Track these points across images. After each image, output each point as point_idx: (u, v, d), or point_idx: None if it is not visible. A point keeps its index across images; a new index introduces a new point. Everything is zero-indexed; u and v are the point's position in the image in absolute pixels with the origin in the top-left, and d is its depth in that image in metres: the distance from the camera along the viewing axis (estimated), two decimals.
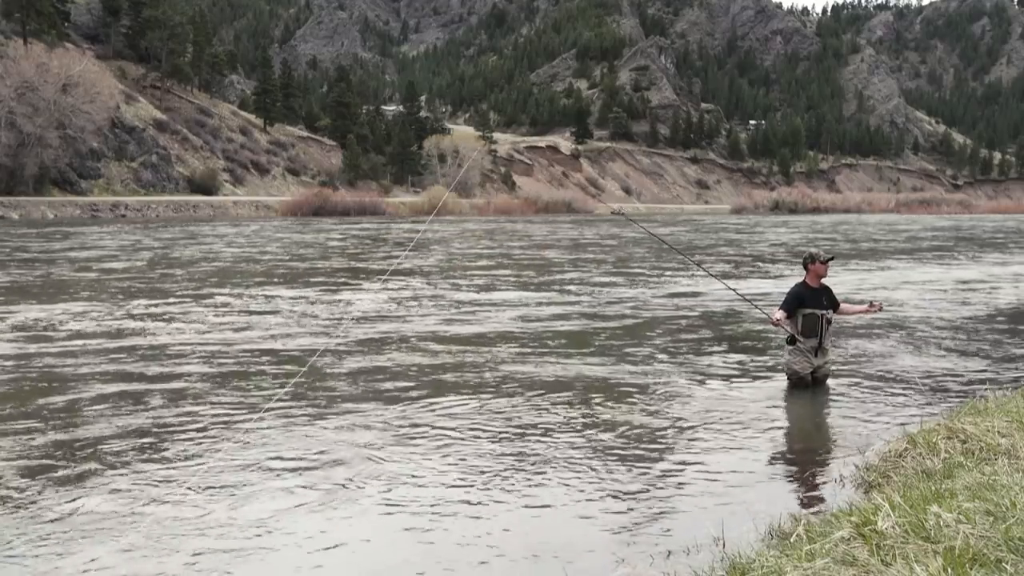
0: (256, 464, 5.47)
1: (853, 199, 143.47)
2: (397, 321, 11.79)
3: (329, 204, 69.43)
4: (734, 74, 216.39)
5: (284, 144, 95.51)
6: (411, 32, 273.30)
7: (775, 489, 5.20)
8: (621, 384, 7.87)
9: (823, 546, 3.41)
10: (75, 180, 64.18)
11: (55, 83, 61.08)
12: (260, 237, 34.47)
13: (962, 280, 18.94)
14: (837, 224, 64.03)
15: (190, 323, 11.47)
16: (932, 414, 6.33)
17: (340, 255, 25.73)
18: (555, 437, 6.11)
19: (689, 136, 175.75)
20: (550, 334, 10.82)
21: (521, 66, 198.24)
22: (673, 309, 13.52)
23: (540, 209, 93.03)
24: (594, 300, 14.56)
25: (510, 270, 20.85)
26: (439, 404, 7.03)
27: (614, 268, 21.52)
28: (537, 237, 38.09)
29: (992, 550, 3.17)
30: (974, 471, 4.42)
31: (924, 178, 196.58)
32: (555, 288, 16.49)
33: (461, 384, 7.83)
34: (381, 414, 6.70)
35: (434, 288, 16.25)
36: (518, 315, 12.51)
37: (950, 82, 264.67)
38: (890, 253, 29.18)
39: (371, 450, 5.77)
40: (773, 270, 21.60)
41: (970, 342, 10.53)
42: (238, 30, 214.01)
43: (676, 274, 19.41)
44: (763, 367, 8.69)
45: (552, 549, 4.25)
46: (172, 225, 45.86)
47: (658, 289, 16.45)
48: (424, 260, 23.52)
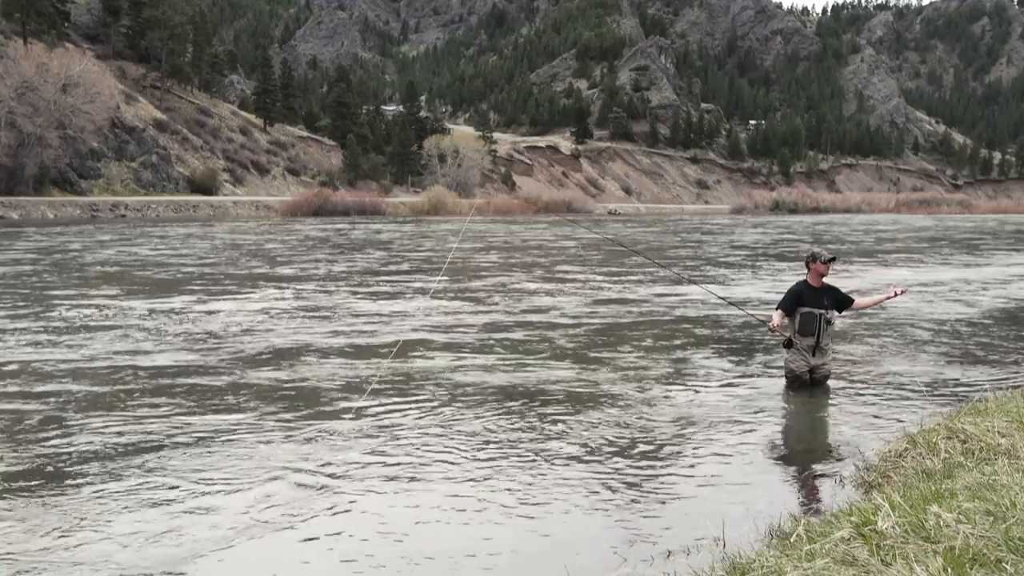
0: (258, 467, 5.47)
1: (853, 199, 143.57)
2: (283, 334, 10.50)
3: (329, 204, 69.42)
4: (734, 74, 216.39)
5: (284, 144, 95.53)
6: (411, 32, 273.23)
7: (775, 489, 5.20)
8: (618, 385, 7.87)
9: (823, 546, 3.41)
10: (75, 180, 64.19)
11: (55, 83, 61.07)
12: (204, 240, 32.07)
13: (946, 280, 18.94)
14: (815, 224, 64.09)
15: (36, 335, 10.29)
16: (932, 414, 6.33)
17: (262, 259, 23.56)
18: (554, 439, 6.11)
19: (689, 136, 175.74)
20: (534, 340, 10.82)
21: (521, 66, 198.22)
22: (664, 310, 13.51)
23: (540, 209, 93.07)
24: (581, 302, 14.55)
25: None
26: (436, 408, 7.03)
27: (582, 271, 21.48)
28: (495, 239, 35.91)
29: (992, 550, 3.17)
30: (974, 471, 4.42)
31: (924, 178, 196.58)
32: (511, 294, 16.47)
33: (450, 389, 7.83)
34: (362, 423, 6.69)
35: (329, 297, 14.59)
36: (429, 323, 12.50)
37: (950, 82, 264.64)
38: (860, 254, 29.20)
39: (371, 453, 5.77)
40: (708, 274, 21.30)
41: (967, 343, 10.53)
42: (238, 30, 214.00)
43: (654, 276, 19.35)
44: (761, 367, 8.69)
45: (552, 549, 4.25)
46: (139, 225, 45.83)
47: (640, 291, 16.43)
48: (347, 265, 21.70)
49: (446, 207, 77.66)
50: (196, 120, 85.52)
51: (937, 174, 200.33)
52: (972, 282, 18.52)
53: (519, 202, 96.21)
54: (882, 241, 38.68)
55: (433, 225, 51.48)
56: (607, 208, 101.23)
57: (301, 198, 71.78)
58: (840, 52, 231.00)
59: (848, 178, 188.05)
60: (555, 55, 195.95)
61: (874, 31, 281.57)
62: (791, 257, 26.34)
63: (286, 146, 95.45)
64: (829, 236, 44.11)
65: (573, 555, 4.16)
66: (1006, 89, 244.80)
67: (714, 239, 38.45)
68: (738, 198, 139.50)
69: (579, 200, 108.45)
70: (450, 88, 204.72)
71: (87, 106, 63.62)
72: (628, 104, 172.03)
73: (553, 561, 4.09)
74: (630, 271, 20.28)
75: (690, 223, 63.40)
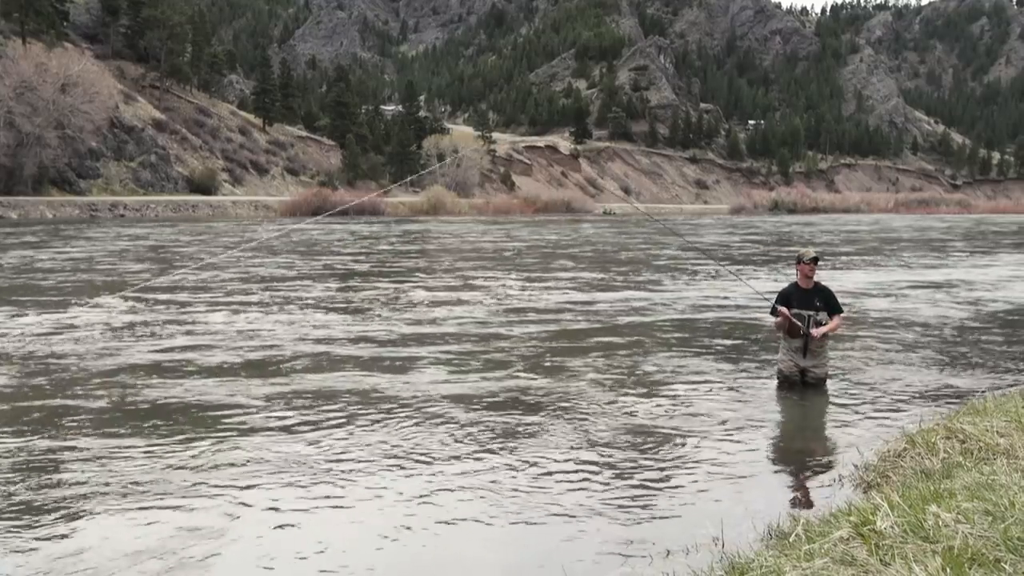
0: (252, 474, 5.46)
1: (852, 199, 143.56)
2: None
3: (328, 204, 69.38)
4: (733, 74, 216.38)
5: (283, 144, 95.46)
6: (410, 32, 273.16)
7: (773, 489, 5.21)
8: (616, 386, 7.87)
9: (822, 546, 3.41)
10: (74, 180, 64.12)
11: (54, 83, 61.00)
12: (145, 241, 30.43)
13: (939, 281, 18.94)
14: (787, 225, 63.95)
15: None
16: (931, 414, 6.34)
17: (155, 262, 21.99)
18: (553, 439, 6.11)
19: (688, 136, 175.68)
20: (529, 339, 10.81)
21: (520, 66, 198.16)
22: (660, 310, 13.51)
23: (539, 209, 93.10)
24: (577, 301, 14.56)
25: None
26: (429, 408, 7.03)
27: (572, 271, 21.46)
28: (450, 242, 34.38)
29: (991, 550, 3.17)
30: (973, 471, 4.42)
31: (923, 178, 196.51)
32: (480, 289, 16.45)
33: (452, 386, 7.82)
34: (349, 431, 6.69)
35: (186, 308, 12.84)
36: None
37: (949, 82, 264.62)
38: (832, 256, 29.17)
39: (369, 454, 5.77)
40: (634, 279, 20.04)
41: (963, 343, 10.54)
42: (237, 30, 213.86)
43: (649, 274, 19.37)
44: (760, 367, 8.69)
45: (552, 549, 4.25)
46: (112, 225, 45.78)
47: (633, 291, 16.44)
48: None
49: (445, 207, 77.69)
50: (195, 120, 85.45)
51: (936, 174, 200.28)
52: (977, 280, 18.54)
53: (518, 202, 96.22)
54: (850, 243, 37.56)
55: (405, 225, 51.44)
56: (601, 208, 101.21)
57: (300, 198, 71.74)
58: (839, 52, 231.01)
59: (847, 178, 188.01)
60: (554, 55, 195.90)
61: (873, 31, 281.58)
62: (759, 259, 25.80)
63: (285, 146, 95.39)
64: (797, 236, 43.57)
65: (572, 555, 4.16)
66: (1005, 89, 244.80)
67: (675, 240, 34.91)
68: (737, 198, 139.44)
69: (578, 200, 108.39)
70: (449, 88, 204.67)
71: (86, 106, 63.55)
72: (627, 104, 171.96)
73: (551, 562, 4.09)
74: (558, 273, 20.25)
75: (671, 223, 63.33)
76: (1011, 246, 35.18)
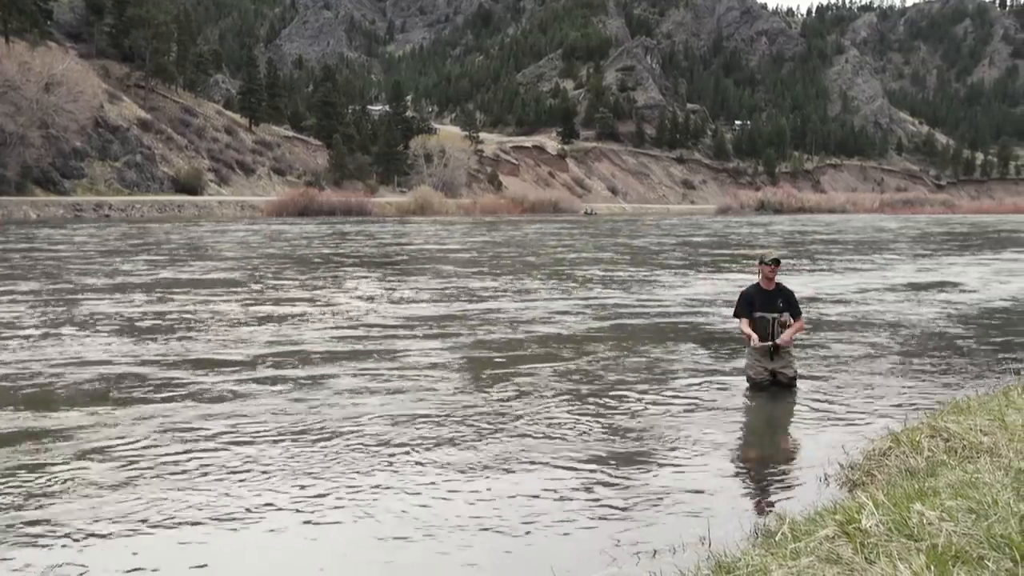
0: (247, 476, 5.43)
1: (838, 199, 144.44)
2: None
3: (315, 204, 69.28)
4: (720, 74, 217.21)
5: (270, 144, 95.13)
6: (397, 32, 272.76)
7: (759, 488, 5.23)
8: (603, 385, 7.88)
9: (808, 544, 3.42)
10: (58, 180, 63.65)
11: (37, 82, 60.55)
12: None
13: (917, 282, 19.08)
14: (771, 224, 64.19)
15: None
16: (915, 413, 6.38)
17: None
18: (539, 437, 6.11)
19: (675, 136, 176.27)
20: (526, 338, 10.82)
21: (507, 66, 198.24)
22: (639, 309, 13.54)
23: (526, 209, 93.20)
24: (562, 300, 14.57)
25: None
26: (418, 404, 7.02)
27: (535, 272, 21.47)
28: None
29: (974, 547, 3.19)
30: (957, 469, 4.45)
31: (908, 178, 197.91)
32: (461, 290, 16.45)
33: (435, 386, 7.82)
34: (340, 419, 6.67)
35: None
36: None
37: (933, 83, 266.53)
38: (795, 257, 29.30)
39: (360, 454, 5.76)
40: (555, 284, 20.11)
41: (944, 342, 10.62)
42: (223, 29, 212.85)
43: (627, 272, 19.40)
44: (741, 368, 8.70)
45: (538, 548, 4.25)
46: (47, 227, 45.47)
47: (616, 290, 16.47)
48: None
49: (432, 207, 77.68)
50: (181, 120, 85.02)
51: (921, 174, 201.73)
52: (958, 280, 18.69)
53: (505, 202, 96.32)
54: (806, 244, 36.77)
55: (365, 226, 51.37)
56: (584, 208, 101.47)
57: (287, 198, 71.55)
58: (825, 53, 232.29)
59: (833, 178, 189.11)
60: (541, 55, 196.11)
61: (858, 32, 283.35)
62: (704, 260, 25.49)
63: (272, 146, 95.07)
64: (752, 238, 42.54)
65: (559, 554, 4.16)
66: (988, 90, 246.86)
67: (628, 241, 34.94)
68: (724, 198, 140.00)
69: (565, 200, 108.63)
70: (436, 88, 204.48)
71: (70, 105, 63.13)
72: (614, 104, 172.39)
73: (539, 561, 4.09)
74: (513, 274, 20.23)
75: (641, 223, 63.61)
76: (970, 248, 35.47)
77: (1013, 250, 32.05)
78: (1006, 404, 5.87)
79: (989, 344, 10.47)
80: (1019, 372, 8.16)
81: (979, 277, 19.94)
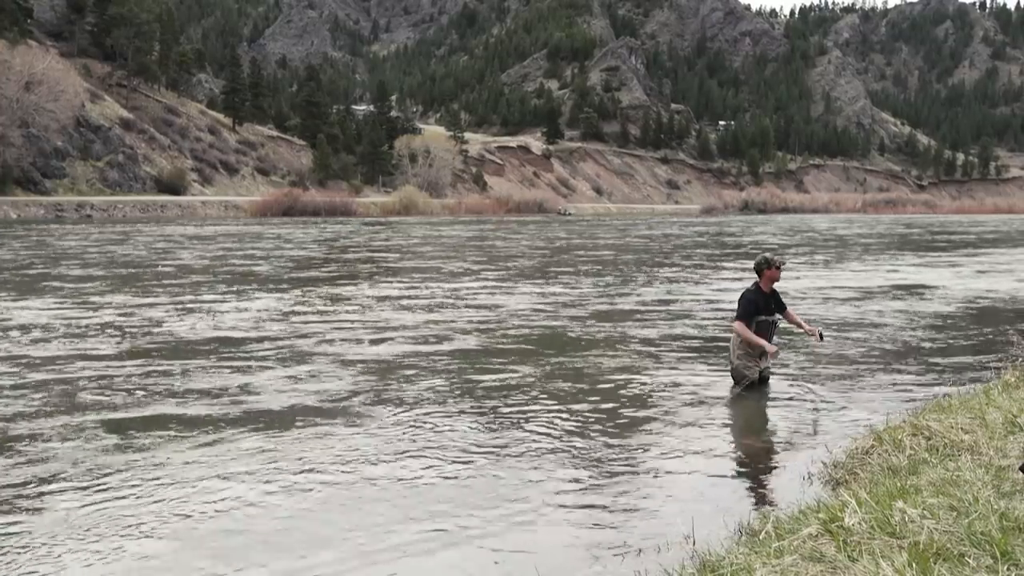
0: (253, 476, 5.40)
1: (821, 199, 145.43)
2: None
3: (299, 204, 68.99)
4: (703, 75, 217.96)
5: (253, 144, 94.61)
6: (381, 31, 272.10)
7: (743, 487, 5.25)
8: (588, 384, 7.89)
9: (791, 543, 3.44)
10: (39, 180, 63.04)
11: (18, 81, 59.99)
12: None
13: (896, 282, 19.23)
14: (749, 224, 64.49)
15: None
16: (898, 411, 6.42)
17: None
18: (523, 437, 6.11)
19: (659, 136, 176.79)
20: (511, 337, 10.82)
21: (492, 66, 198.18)
22: (630, 309, 13.58)
23: (511, 209, 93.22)
24: (544, 301, 14.59)
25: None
26: (404, 403, 7.01)
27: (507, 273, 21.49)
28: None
29: (955, 544, 3.22)
30: (938, 467, 4.49)
31: (890, 179, 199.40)
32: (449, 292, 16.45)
33: (420, 387, 7.80)
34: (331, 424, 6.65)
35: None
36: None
37: (915, 84, 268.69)
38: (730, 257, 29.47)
39: (348, 452, 5.74)
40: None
41: (928, 340, 10.70)
42: (206, 28, 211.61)
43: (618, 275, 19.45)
44: (726, 366, 8.74)
45: (522, 547, 4.25)
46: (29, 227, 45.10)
47: (606, 290, 16.50)
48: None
49: (417, 207, 77.57)
50: (163, 119, 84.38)
51: (902, 175, 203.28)
52: (939, 280, 18.84)
53: (490, 202, 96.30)
54: (775, 245, 36.31)
55: (333, 226, 51.26)
56: (559, 209, 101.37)
57: (271, 198, 71.22)
58: (808, 54, 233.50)
59: (816, 178, 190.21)
60: (526, 55, 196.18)
61: (841, 33, 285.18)
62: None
63: (255, 146, 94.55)
64: (729, 239, 42.94)
65: (543, 553, 4.16)
66: (969, 91, 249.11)
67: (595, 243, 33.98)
68: (708, 198, 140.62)
69: (550, 200, 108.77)
70: (421, 88, 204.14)
71: (51, 104, 62.58)
72: (599, 104, 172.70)
73: (523, 559, 4.09)
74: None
75: (619, 224, 63.78)
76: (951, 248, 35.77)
77: (989, 250, 32.36)
78: (986, 402, 5.92)
79: (969, 343, 10.57)
80: (999, 370, 8.24)
81: (957, 277, 20.12)
